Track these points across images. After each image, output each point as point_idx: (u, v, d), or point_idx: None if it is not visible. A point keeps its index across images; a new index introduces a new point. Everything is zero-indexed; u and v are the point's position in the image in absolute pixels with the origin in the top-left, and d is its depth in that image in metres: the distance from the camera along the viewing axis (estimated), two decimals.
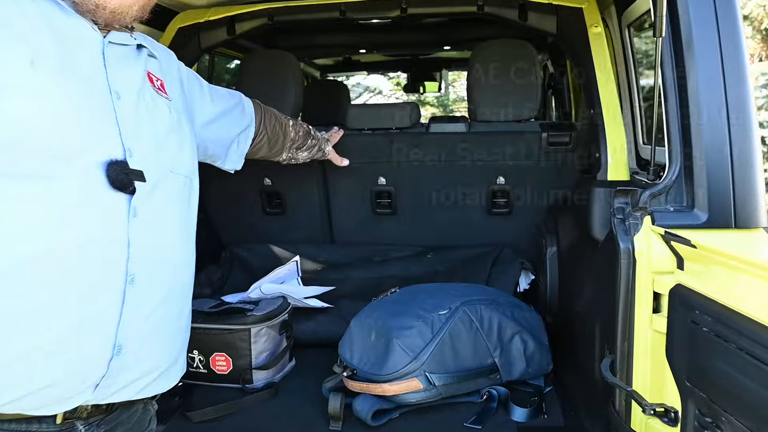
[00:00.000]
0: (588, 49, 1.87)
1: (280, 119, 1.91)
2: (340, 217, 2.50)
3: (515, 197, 2.34)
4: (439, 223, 2.43)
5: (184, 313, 1.23)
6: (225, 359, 1.81)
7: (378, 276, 2.34)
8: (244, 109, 1.73)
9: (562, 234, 2.01)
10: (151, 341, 1.10)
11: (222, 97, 1.62)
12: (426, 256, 2.39)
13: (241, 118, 1.72)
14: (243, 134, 1.73)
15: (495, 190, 2.35)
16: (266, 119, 1.83)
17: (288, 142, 1.95)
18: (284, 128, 1.91)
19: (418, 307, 1.71)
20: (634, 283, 1.34)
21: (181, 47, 2.16)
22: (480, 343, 1.68)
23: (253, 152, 1.81)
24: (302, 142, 2.01)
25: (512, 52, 2.26)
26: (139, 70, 1.19)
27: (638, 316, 1.34)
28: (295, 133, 1.97)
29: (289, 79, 2.38)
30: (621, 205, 1.40)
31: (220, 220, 2.60)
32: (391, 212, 2.44)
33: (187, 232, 1.24)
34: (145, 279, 1.06)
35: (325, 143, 2.16)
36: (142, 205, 1.08)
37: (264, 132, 1.82)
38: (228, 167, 1.73)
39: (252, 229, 2.58)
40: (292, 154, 2.00)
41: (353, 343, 1.75)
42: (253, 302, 1.98)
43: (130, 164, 1.07)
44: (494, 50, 2.27)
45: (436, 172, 2.33)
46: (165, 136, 1.20)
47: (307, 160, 2.12)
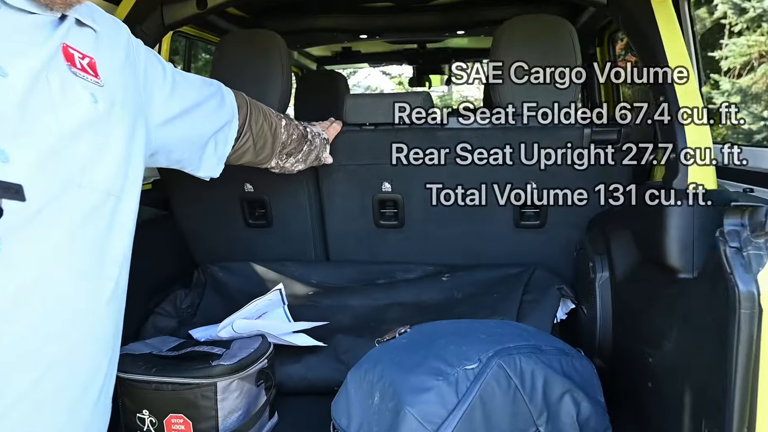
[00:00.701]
0: (653, 21, 1.46)
1: (270, 117, 1.50)
2: (336, 231, 2.08)
3: (549, 207, 1.92)
4: (455, 239, 2.01)
5: (89, 396, 0.81)
6: (184, 422, 1.39)
7: (382, 303, 1.92)
8: (223, 101, 1.34)
9: (617, 256, 1.59)
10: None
11: (193, 85, 1.25)
12: (441, 279, 1.96)
13: (218, 113, 1.32)
14: (222, 133, 1.33)
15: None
16: (252, 116, 1.43)
17: (278, 147, 1.54)
18: (274, 129, 1.51)
19: (436, 357, 1.29)
20: (759, 340, 0.93)
21: (139, 22, 1.75)
22: (520, 407, 1.25)
23: (235, 157, 1.43)
24: (296, 147, 1.60)
25: (546, 30, 1.84)
26: (49, 44, 0.83)
27: (766, 387, 0.93)
28: (287, 136, 1.56)
29: (275, 63, 1.96)
30: (735, 228, 0.98)
31: (192, 233, 2.17)
32: (398, 224, 2.01)
33: (99, 277, 0.84)
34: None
35: (324, 148, 1.75)
36: (10, 237, 0.69)
37: (249, 132, 1.42)
38: (203, 174, 1.35)
39: (231, 244, 2.16)
40: (283, 162, 1.60)
41: (351, 405, 1.32)
42: (224, 342, 1.56)
43: (2, 173, 0.69)
44: (524, 27, 1.85)
45: (453, 177, 1.90)
46: (73, 135, 0.83)
47: (302, 169, 1.72)
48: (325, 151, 1.79)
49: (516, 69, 1.82)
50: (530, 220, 1.96)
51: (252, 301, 1.69)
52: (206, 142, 1.31)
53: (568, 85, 1.81)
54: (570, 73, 1.80)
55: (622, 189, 1.85)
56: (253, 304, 1.67)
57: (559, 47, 1.83)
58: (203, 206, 2.11)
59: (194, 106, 1.25)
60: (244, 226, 2.12)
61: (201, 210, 2.12)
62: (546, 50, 1.83)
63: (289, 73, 2.02)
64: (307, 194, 2.03)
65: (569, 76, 1.81)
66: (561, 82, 1.81)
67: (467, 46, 3.87)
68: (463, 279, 1.94)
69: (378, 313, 1.89)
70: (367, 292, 1.97)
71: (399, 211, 1.99)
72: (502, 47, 1.82)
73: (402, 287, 1.97)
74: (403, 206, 1.98)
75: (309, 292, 2.01)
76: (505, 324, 1.51)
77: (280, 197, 2.05)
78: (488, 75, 1.86)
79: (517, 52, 1.82)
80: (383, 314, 1.87)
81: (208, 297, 1.99)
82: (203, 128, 1.29)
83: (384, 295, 1.95)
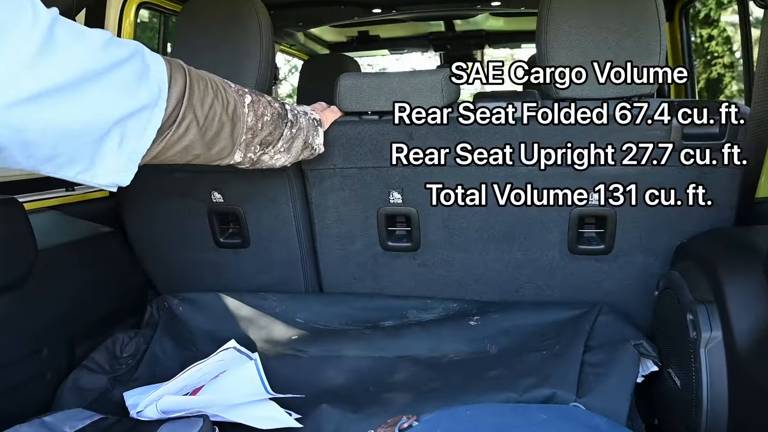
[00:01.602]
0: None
1: (226, 93, 1.01)
2: (330, 254, 1.58)
3: (618, 227, 1.39)
4: (488, 267, 1.50)
5: None
6: None
7: (387, 356, 1.41)
8: (144, 74, 0.85)
9: (738, 308, 1.05)
10: None
11: (88, 45, 0.78)
12: (468, 323, 1.45)
13: (132, 90, 0.84)
14: (136, 120, 0.85)
15: (584, 215, 1.41)
16: (195, 92, 0.93)
17: (241, 134, 1.05)
18: (232, 110, 1.02)
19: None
20: None
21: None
22: None
23: (171, 154, 0.94)
24: (271, 131, 1.11)
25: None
26: None
27: None
28: (256, 118, 1.07)
29: (251, 31, 1.48)
30: None
31: (150, 257, 1.71)
32: (411, 247, 1.51)
33: None
34: None
35: (315, 131, 1.27)
36: None
37: (190, 117, 0.92)
38: (101, 181, 0.86)
39: (197, 269, 1.68)
40: (256, 154, 1.11)
41: None
42: (149, 426, 1.08)
43: None
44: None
45: (481, 181, 1.40)
46: None
47: (288, 164, 1.24)
48: (318, 135, 1.30)
49: (572, 33, 1.30)
50: (591, 243, 1.44)
51: (194, 364, 1.21)
52: (106, 133, 0.82)
53: (649, 57, 1.28)
54: (653, 41, 1.28)
55: (729, 203, 1.33)
56: (195, 368, 1.19)
57: (635, 6, 1.30)
58: (161, 220, 1.64)
59: (84, 79, 0.77)
60: (213, 246, 1.64)
61: (159, 225, 1.65)
62: (618, 10, 1.30)
63: (271, 46, 1.53)
64: (291, 206, 1.54)
65: (652, 47, 1.28)
66: (639, 55, 1.29)
67: (504, 28, 3.32)
68: (498, 324, 1.42)
69: (381, 369, 1.38)
70: (369, 338, 1.46)
71: (413, 229, 1.49)
72: (553, 5, 1.30)
73: (415, 333, 1.45)
74: (417, 223, 1.48)
75: (292, 336, 1.52)
76: (561, 416, 0.99)
77: (257, 209, 1.57)
78: (536, 41, 1.35)
79: (576, 11, 1.30)
80: (389, 373, 1.37)
81: (160, 341, 1.51)
82: (100, 112, 0.81)
83: (391, 344, 1.44)
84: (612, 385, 1.18)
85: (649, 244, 1.40)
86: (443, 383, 1.28)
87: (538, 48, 1.33)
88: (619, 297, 1.45)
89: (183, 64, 0.95)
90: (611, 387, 1.18)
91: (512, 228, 1.44)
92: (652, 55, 1.28)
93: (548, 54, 1.31)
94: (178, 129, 0.91)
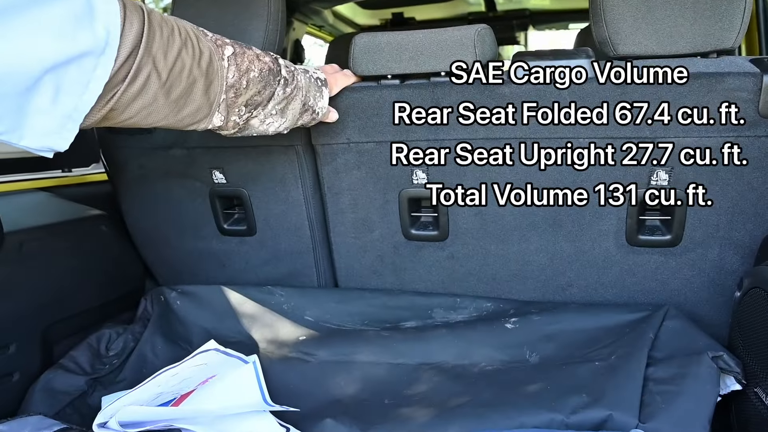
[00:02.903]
0: None
1: (197, 42, 0.82)
2: (346, 244, 1.38)
3: (690, 214, 1.14)
4: (528, 260, 1.27)
5: None
6: None
7: (408, 363, 1.20)
8: (83, 10, 0.67)
9: None
10: None
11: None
12: (503, 325, 1.22)
13: (68, 29, 0.65)
14: (74, 69, 0.68)
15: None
16: (155, 38, 0.74)
17: (219, 92, 0.86)
18: (206, 62, 0.83)
19: None
20: None
21: None
22: None
23: (125, 116, 0.76)
24: (260, 90, 0.92)
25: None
26: None
27: None
28: (239, 73, 0.88)
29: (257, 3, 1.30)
30: None
31: (148, 245, 1.54)
32: (438, 236, 1.29)
33: None
34: None
35: (318, 92, 1.07)
36: None
37: (148, 68, 0.73)
38: (30, 143, 0.69)
39: (201, 259, 1.50)
40: (242, 118, 0.92)
41: None
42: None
43: None
44: None
45: (525, 161, 1.17)
46: None
47: (283, 131, 1.04)
48: (322, 97, 1.10)
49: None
50: (655, 233, 1.19)
51: (167, 367, 1.02)
52: (34, 84, 0.64)
53: (728, 8, 1.04)
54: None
55: None
56: (169, 371, 1.00)
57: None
58: (159, 204, 1.47)
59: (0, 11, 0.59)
60: (216, 234, 1.46)
61: (156, 210, 1.48)
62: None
63: (281, 12, 1.34)
64: (301, 187, 1.35)
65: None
66: (715, 5, 1.04)
67: (549, 7, 3.06)
68: (539, 328, 1.19)
69: (400, 379, 1.17)
70: (387, 341, 1.25)
71: (440, 215, 1.27)
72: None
73: (441, 337, 1.23)
74: (446, 208, 1.26)
75: (299, 337, 1.32)
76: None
77: (263, 191, 1.38)
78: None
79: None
80: (408, 383, 1.15)
81: (151, 338, 1.33)
82: (23, 56, 0.62)
83: (412, 349, 1.22)
84: (684, 408, 0.93)
85: (726, 235, 1.15)
86: (472, 398, 1.06)
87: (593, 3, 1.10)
88: (690, 298, 1.20)
89: (142, 3, 0.76)
90: (683, 410, 0.93)
91: (558, 214, 1.21)
92: (732, 14, 1.03)
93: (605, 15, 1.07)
94: (133, 84, 0.72)
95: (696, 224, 1.15)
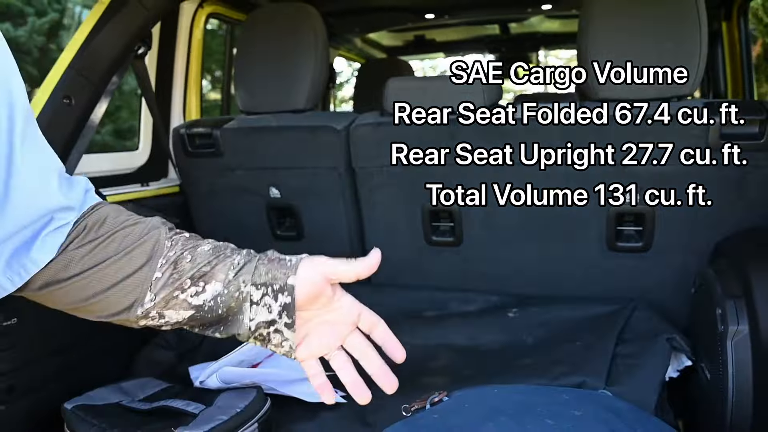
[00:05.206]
0: None
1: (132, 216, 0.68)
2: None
3: (657, 225, 1.43)
4: (528, 262, 1.56)
5: None
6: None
7: (428, 344, 1.49)
8: (72, 178, 0.66)
9: (763, 301, 1.08)
10: None
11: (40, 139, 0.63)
12: (506, 315, 1.52)
13: (64, 186, 0.64)
14: (61, 212, 0.62)
15: (623, 213, 1.45)
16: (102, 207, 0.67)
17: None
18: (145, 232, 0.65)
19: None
20: None
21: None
22: None
23: (60, 266, 0.62)
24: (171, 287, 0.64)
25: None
26: None
27: None
28: (175, 252, 0.65)
29: (306, 42, 1.61)
30: None
31: None
32: (454, 241, 1.59)
33: None
34: None
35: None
36: None
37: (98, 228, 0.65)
38: (36, 255, 0.61)
39: None
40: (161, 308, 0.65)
41: None
42: (210, 393, 1.21)
43: None
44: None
45: (526, 181, 1.46)
46: None
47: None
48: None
49: (613, 29, 1.36)
50: (630, 240, 1.47)
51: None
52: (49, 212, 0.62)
53: (689, 57, 1.32)
54: (692, 39, 1.32)
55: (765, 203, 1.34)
56: (248, 345, 1.31)
57: (677, 16, 1.34)
58: (225, 214, 1.79)
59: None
60: (271, 238, 1.78)
61: (223, 219, 1.80)
62: (658, 21, 1.35)
63: (325, 57, 1.65)
64: (342, 201, 1.66)
65: (692, 45, 1.32)
66: (679, 54, 1.32)
67: (559, 30, 3.34)
68: (535, 317, 1.48)
69: (422, 356, 1.47)
70: (411, 327, 1.55)
71: (456, 224, 1.57)
72: (595, 3, 1.37)
73: (456, 323, 1.54)
74: (460, 218, 1.56)
75: None
76: (584, 397, 1.05)
77: (312, 204, 1.69)
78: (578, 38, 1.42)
79: (616, 8, 1.36)
80: (428, 359, 1.45)
81: None
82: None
83: (432, 333, 1.52)
84: (641, 376, 1.22)
85: (686, 242, 1.43)
86: (479, 369, 1.36)
87: (579, 48, 1.40)
88: (657, 294, 1.48)
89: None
90: (640, 377, 1.22)
91: (552, 225, 1.50)
92: (692, 62, 1.32)
93: (588, 53, 1.37)
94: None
95: (663, 234, 1.43)
